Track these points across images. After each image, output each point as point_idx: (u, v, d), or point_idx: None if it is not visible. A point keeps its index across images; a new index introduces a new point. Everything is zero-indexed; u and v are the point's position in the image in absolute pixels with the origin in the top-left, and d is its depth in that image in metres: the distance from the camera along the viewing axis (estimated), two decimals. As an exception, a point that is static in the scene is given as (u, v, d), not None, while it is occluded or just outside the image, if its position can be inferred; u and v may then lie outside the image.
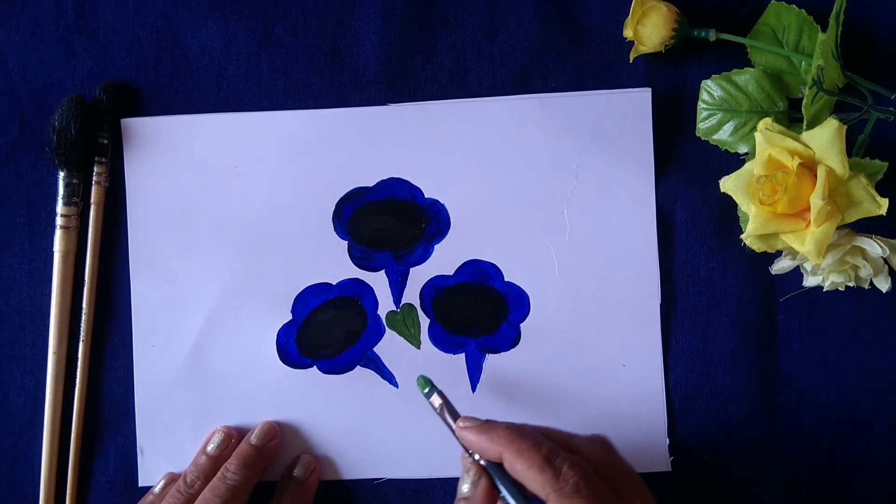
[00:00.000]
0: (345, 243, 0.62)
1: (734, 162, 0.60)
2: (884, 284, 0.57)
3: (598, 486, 0.48)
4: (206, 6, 0.63)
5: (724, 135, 0.59)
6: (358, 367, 0.62)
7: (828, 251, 0.55)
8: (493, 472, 0.51)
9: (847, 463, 0.60)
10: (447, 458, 0.61)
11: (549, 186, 0.62)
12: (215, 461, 0.59)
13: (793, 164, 0.52)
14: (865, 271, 0.56)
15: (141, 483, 0.62)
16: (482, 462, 0.52)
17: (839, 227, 0.54)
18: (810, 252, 0.52)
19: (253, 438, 0.60)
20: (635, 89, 0.61)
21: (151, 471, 0.62)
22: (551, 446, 0.50)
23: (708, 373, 0.61)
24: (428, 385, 0.57)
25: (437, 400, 0.56)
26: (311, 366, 0.62)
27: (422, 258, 0.62)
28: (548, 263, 0.61)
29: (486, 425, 0.52)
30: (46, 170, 0.63)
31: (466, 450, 0.53)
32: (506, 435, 0.51)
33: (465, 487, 0.52)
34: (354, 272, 0.62)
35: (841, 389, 0.61)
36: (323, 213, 0.62)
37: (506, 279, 0.62)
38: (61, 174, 0.62)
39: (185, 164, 0.63)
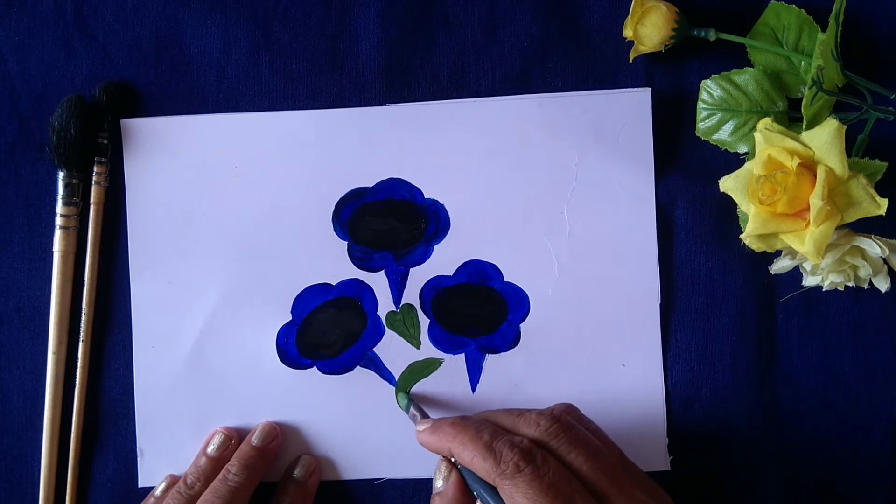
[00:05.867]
0: (344, 244, 0.62)
1: (734, 162, 0.60)
2: (883, 284, 0.57)
3: (541, 460, 0.49)
4: (206, 6, 0.63)
5: (723, 135, 0.59)
6: (358, 367, 0.62)
7: (827, 251, 0.55)
8: (462, 467, 0.53)
9: (846, 462, 0.61)
10: (447, 457, 0.61)
11: (549, 186, 0.62)
12: (216, 462, 0.59)
13: (792, 163, 0.52)
14: (865, 271, 0.57)
15: (141, 484, 0.62)
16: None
17: (838, 227, 0.54)
18: (810, 252, 0.52)
19: (254, 440, 0.60)
20: (635, 89, 0.61)
21: (152, 472, 0.62)
22: (493, 431, 0.51)
23: (707, 372, 0.61)
24: (406, 401, 0.60)
25: (413, 412, 0.59)
26: (311, 366, 0.62)
27: (421, 258, 0.62)
28: (548, 263, 0.61)
29: (436, 424, 0.54)
30: (46, 170, 0.63)
31: None
32: (450, 430, 0.52)
33: (438, 483, 0.54)
34: (354, 272, 0.62)
35: (840, 389, 0.61)
36: (323, 214, 0.62)
37: (506, 279, 0.62)
38: (61, 174, 0.62)
39: (184, 165, 0.63)
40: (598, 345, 0.61)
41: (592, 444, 0.51)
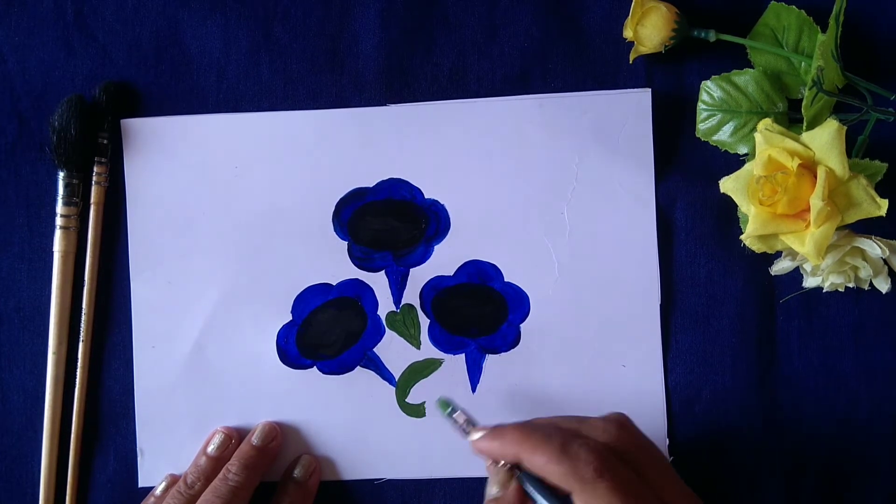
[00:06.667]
0: (345, 244, 0.62)
1: (734, 163, 0.60)
2: (883, 285, 0.57)
3: (619, 468, 0.47)
4: (206, 6, 0.63)
5: (723, 135, 0.59)
6: (358, 367, 0.62)
7: (827, 252, 0.55)
8: (521, 474, 0.51)
9: (846, 463, 0.61)
10: (447, 458, 0.61)
11: (549, 186, 0.62)
12: (216, 462, 0.59)
13: (792, 164, 0.52)
14: (865, 272, 0.57)
15: (141, 484, 0.62)
16: (508, 464, 0.51)
17: (839, 228, 0.54)
18: (810, 253, 0.52)
19: (254, 439, 0.60)
20: (635, 90, 0.61)
21: (152, 472, 0.62)
22: (564, 435, 0.49)
23: (708, 374, 0.61)
24: (448, 406, 0.56)
25: (461, 417, 0.55)
26: (311, 366, 0.62)
27: (422, 258, 0.62)
28: (548, 264, 0.61)
29: (497, 431, 0.52)
30: (46, 170, 0.63)
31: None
32: (516, 435, 0.50)
33: (493, 490, 0.51)
34: (354, 273, 0.62)
35: (840, 390, 0.61)
36: (323, 214, 0.62)
37: (506, 279, 0.62)
38: (61, 174, 0.62)
39: (184, 165, 0.63)
40: (598, 345, 0.61)
41: (659, 456, 0.50)
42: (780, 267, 0.59)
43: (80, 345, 0.62)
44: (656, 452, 0.51)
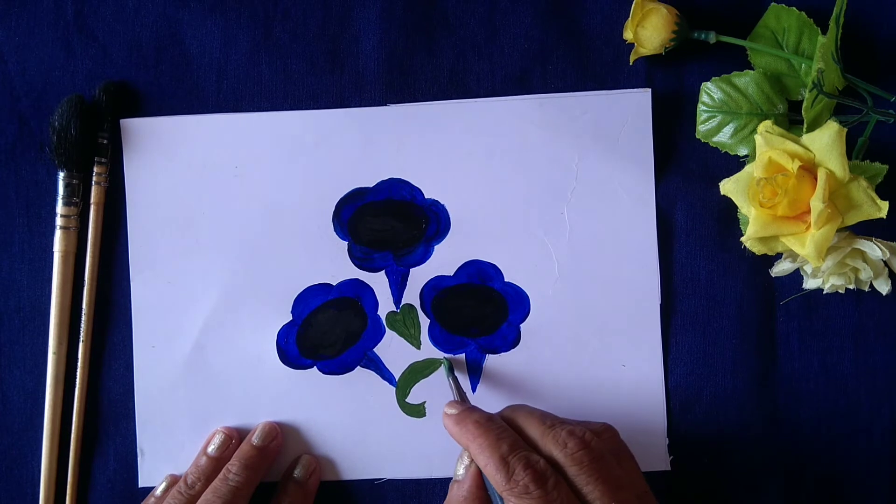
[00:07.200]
0: (345, 244, 0.62)
1: (734, 164, 0.60)
2: (884, 287, 0.58)
3: (552, 488, 0.48)
4: (206, 6, 0.63)
5: (723, 137, 0.59)
6: (358, 367, 0.62)
7: (828, 254, 0.55)
8: None
9: (846, 465, 0.61)
10: (447, 458, 0.61)
11: (549, 186, 0.62)
12: (216, 462, 0.59)
13: (793, 166, 0.52)
14: (865, 274, 0.57)
15: (141, 484, 0.62)
16: None
17: (839, 230, 0.54)
18: (810, 255, 0.52)
19: (254, 439, 0.60)
20: (635, 90, 0.61)
21: (152, 472, 0.62)
22: (512, 443, 0.51)
23: (708, 374, 0.61)
24: (447, 368, 0.60)
25: (453, 385, 0.59)
26: (312, 366, 0.62)
27: (422, 258, 0.62)
28: (548, 264, 0.62)
29: (463, 415, 0.54)
30: (46, 170, 0.63)
31: None
32: (473, 429, 0.52)
33: (459, 471, 0.54)
34: (354, 273, 0.62)
35: (840, 392, 0.61)
36: (323, 214, 0.62)
37: (506, 279, 0.62)
38: (61, 174, 0.62)
39: (184, 165, 0.62)
40: (598, 345, 0.61)
41: (614, 479, 0.50)
42: (781, 268, 0.59)
43: (80, 345, 0.62)
44: (615, 476, 0.50)
